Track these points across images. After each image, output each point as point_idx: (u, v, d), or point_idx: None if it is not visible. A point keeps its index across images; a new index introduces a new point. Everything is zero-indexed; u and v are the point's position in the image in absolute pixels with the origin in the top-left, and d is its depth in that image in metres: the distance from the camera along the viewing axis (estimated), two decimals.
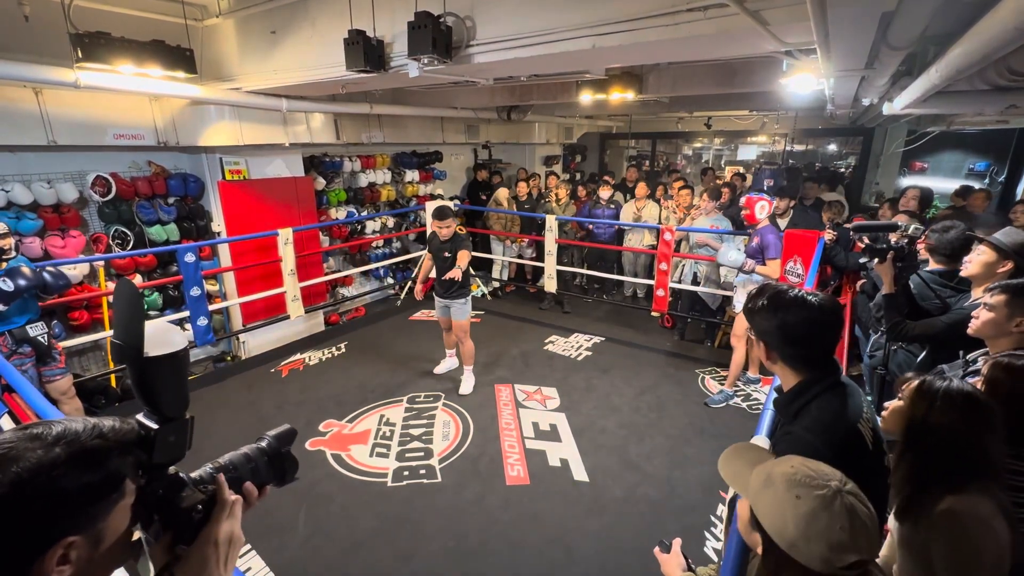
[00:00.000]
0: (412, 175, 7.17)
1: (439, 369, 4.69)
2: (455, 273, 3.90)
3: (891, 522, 1.33)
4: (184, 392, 0.78)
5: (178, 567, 0.71)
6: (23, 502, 0.58)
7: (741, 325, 3.95)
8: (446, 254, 4.14)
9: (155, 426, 0.73)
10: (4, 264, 3.06)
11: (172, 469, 0.76)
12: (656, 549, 1.48)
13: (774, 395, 1.45)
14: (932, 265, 2.57)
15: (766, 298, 1.33)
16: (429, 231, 4.66)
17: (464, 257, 4.05)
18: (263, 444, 0.88)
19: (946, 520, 1.16)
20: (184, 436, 0.77)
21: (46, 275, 3.23)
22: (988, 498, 1.16)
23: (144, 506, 0.70)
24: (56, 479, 0.60)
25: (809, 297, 1.30)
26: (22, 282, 2.96)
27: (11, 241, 3.12)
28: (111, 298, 4.00)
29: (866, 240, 2.59)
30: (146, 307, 4.64)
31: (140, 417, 0.74)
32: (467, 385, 4.34)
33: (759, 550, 0.96)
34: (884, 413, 1.47)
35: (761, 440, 1.45)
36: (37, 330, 3.13)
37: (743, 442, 1.13)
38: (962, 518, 1.15)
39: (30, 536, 0.59)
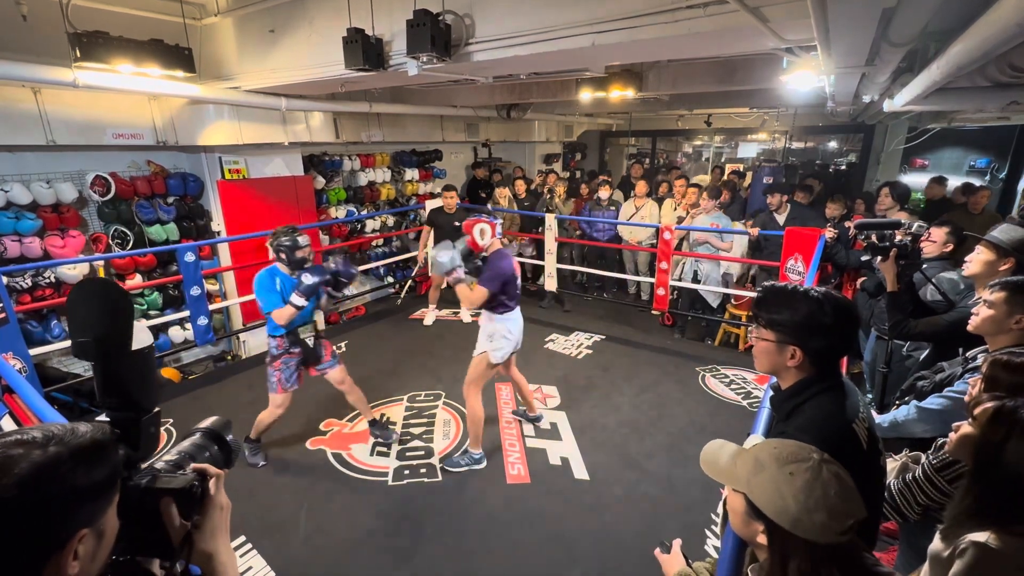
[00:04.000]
0: (412, 174, 7.16)
1: (427, 321, 5.77)
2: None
3: (934, 544, 1.24)
4: (156, 385, 0.84)
5: (196, 535, 0.79)
6: (37, 500, 0.59)
7: (478, 369, 3.29)
8: (456, 223, 5.07)
9: (115, 428, 0.76)
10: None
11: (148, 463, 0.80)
12: (656, 550, 1.47)
13: (770, 393, 1.45)
14: None
15: (793, 290, 1.31)
16: (433, 206, 5.86)
17: None
18: (205, 433, 0.92)
19: (976, 554, 1.07)
20: (159, 428, 0.83)
21: (332, 265, 3.20)
22: None
23: (126, 500, 0.72)
24: (65, 475, 0.61)
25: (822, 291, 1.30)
26: (316, 278, 3.03)
27: (309, 251, 3.15)
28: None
29: (873, 238, 2.58)
30: (146, 306, 4.64)
31: (100, 419, 0.77)
32: (468, 314, 5.66)
33: (760, 539, 0.95)
34: (952, 435, 1.36)
35: (756, 439, 1.44)
36: (307, 332, 3.25)
37: (713, 441, 1.11)
38: (991, 557, 1.06)
39: (46, 533, 0.60)
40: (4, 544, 0.58)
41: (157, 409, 0.83)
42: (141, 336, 0.80)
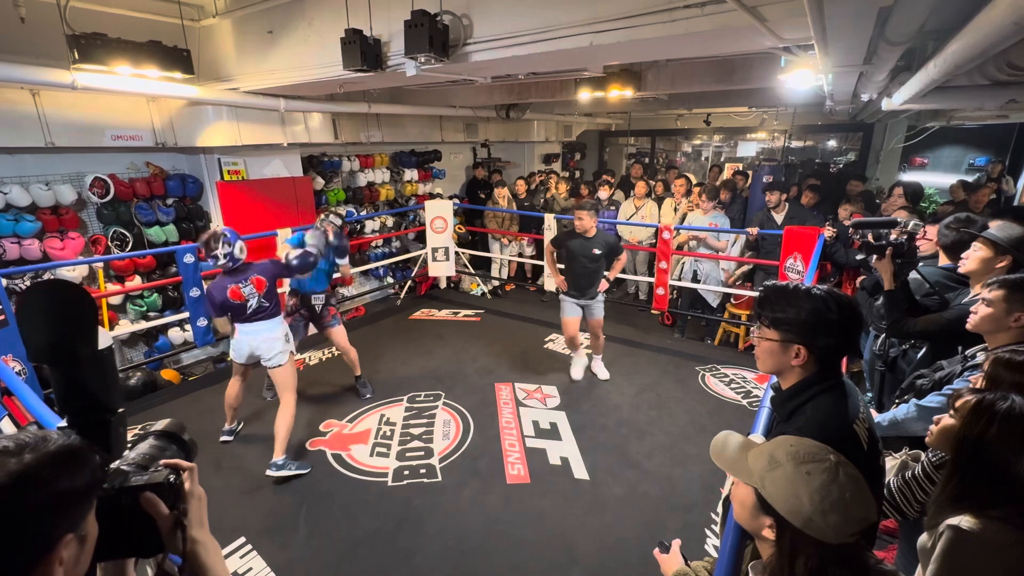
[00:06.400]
0: (411, 174, 7.16)
1: (577, 374, 4.47)
2: (607, 282, 4.26)
3: (921, 538, 1.28)
4: (119, 385, 0.82)
5: (184, 522, 0.81)
6: (18, 507, 0.58)
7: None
8: (595, 251, 4.02)
9: (81, 433, 0.75)
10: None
11: (112, 466, 0.79)
12: (656, 550, 1.47)
13: (771, 392, 1.44)
14: (943, 261, 2.56)
15: (795, 288, 1.30)
16: (563, 228, 4.63)
17: (623, 262, 4.25)
18: (160, 434, 0.91)
19: (952, 536, 1.11)
20: (126, 428, 0.82)
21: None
22: (1012, 527, 1.09)
23: (100, 504, 0.72)
24: (46, 481, 0.60)
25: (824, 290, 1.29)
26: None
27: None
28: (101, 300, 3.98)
29: (869, 237, 2.57)
30: (145, 308, 4.64)
31: (60, 425, 0.77)
32: (604, 371, 4.55)
33: (766, 533, 0.96)
34: (932, 428, 1.39)
35: (757, 439, 1.44)
36: (318, 300, 4.04)
37: (724, 431, 1.11)
38: (967, 539, 1.09)
39: (29, 540, 0.59)
40: None
41: (122, 409, 0.83)
42: (101, 338, 0.80)
